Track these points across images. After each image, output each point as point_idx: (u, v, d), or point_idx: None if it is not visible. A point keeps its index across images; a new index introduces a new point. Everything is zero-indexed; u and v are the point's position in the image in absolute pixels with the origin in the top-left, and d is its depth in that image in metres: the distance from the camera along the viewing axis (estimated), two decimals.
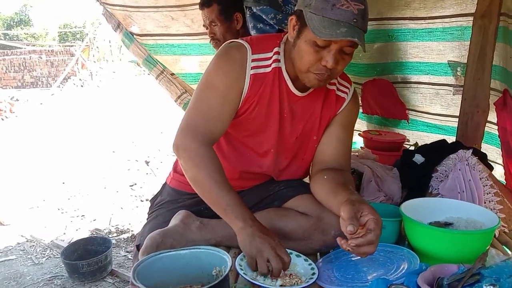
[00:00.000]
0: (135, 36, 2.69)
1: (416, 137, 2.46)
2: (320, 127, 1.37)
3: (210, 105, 1.26)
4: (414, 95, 2.37)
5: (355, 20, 1.08)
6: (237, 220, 1.13)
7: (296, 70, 1.22)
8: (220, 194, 1.17)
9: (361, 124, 2.72)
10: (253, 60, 1.26)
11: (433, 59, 2.18)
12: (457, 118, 2.18)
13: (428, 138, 2.41)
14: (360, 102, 2.50)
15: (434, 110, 2.34)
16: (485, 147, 2.08)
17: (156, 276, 0.98)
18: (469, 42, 1.99)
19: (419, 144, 2.18)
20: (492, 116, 2.02)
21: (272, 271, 1.07)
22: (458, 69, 2.11)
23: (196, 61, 2.71)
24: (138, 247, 1.39)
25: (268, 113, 1.30)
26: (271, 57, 1.28)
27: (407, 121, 2.44)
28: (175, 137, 1.26)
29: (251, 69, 1.26)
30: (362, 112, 2.62)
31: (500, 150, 2.00)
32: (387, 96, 2.43)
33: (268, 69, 1.27)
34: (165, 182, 1.59)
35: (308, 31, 1.12)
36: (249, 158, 1.37)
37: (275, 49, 1.28)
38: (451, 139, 2.22)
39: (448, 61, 2.12)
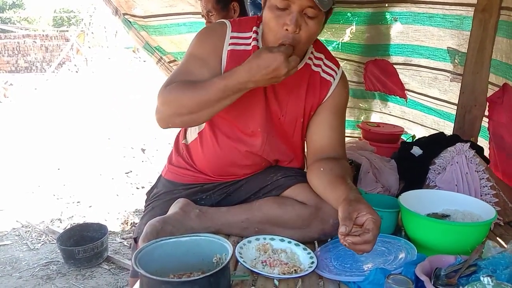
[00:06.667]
0: (137, 19, 2.67)
1: (415, 115, 2.56)
2: (306, 110, 1.35)
3: (189, 68, 1.26)
4: (414, 78, 2.44)
5: None
6: (236, 78, 1.11)
7: (268, 44, 1.21)
8: (206, 89, 1.14)
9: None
10: (231, 37, 1.29)
11: (433, 44, 2.23)
12: (453, 105, 2.23)
13: (425, 117, 2.51)
14: (362, 80, 2.67)
15: (432, 93, 2.41)
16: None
17: (157, 263, 0.99)
18: (469, 33, 2.00)
19: (417, 132, 2.31)
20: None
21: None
22: (456, 57, 2.15)
23: None
24: (135, 239, 1.40)
25: (251, 90, 1.23)
26: (251, 36, 1.29)
27: (405, 100, 2.54)
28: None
29: (229, 45, 1.28)
30: (365, 89, 2.70)
31: (488, 142, 2.04)
32: (388, 76, 2.53)
33: (249, 47, 1.29)
34: (161, 175, 1.58)
35: None
36: (238, 140, 1.36)
37: (254, 28, 1.30)
38: (447, 123, 2.30)
39: (447, 47, 2.16)
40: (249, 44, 1.29)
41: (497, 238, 1.37)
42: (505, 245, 1.23)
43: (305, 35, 1.16)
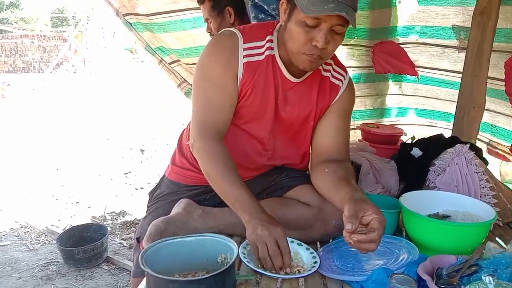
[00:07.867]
0: (140, 18, 2.67)
1: (428, 90, 2.62)
2: (316, 113, 1.38)
3: (209, 97, 1.28)
4: (422, 54, 2.50)
5: None
6: (244, 214, 1.15)
7: (289, 53, 1.23)
8: (228, 188, 1.19)
9: None
10: (245, 49, 1.27)
11: (438, 23, 2.28)
12: None
13: (439, 90, 2.56)
14: (372, 64, 2.70)
15: (442, 66, 2.46)
16: (491, 101, 2.24)
17: (162, 262, 0.99)
18: (473, 8, 2.01)
19: (433, 104, 2.44)
20: (497, 73, 2.16)
21: (273, 259, 1.08)
22: (461, 33, 2.20)
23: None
24: (138, 239, 1.40)
25: (263, 100, 1.31)
26: (264, 45, 1.29)
27: (417, 78, 2.59)
28: (189, 136, 1.31)
29: (243, 57, 1.27)
30: (375, 73, 2.73)
31: (508, 102, 2.18)
32: (396, 56, 2.57)
33: (262, 57, 1.28)
34: (164, 175, 1.60)
35: (297, 12, 1.13)
36: (245, 144, 1.38)
37: (268, 37, 1.29)
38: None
39: (452, 25, 2.21)
40: (262, 54, 1.28)
41: (496, 238, 1.38)
42: (505, 246, 1.24)
43: (332, 48, 1.19)
